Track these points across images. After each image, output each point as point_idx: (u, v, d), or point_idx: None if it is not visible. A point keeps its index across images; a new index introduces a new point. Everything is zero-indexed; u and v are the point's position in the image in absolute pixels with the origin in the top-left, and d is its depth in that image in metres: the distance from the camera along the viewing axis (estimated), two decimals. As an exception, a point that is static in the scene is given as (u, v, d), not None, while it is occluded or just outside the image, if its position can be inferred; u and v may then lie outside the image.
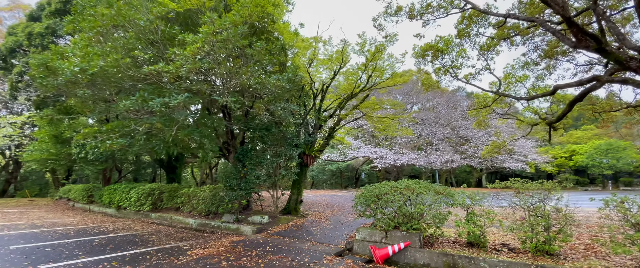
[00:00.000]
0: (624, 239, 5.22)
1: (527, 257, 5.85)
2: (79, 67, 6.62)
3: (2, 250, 7.50)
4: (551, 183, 6.43)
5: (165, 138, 7.79)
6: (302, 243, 8.31)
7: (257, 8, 8.30)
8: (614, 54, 7.59)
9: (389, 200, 7.19)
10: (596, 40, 7.66)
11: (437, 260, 6.31)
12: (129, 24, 7.04)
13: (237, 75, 6.72)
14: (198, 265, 6.24)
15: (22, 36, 12.54)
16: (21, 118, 19.72)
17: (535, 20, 9.15)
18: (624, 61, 7.47)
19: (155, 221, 12.21)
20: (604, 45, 7.63)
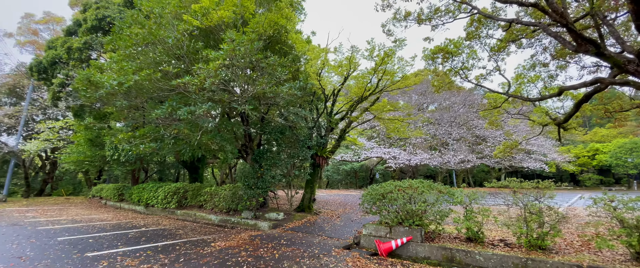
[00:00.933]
0: (608, 234, 5.61)
1: (520, 251, 6.31)
2: (117, 81, 7.57)
3: (52, 241, 8.59)
4: (546, 183, 6.85)
5: (190, 142, 8.69)
6: (314, 237, 9.01)
7: (270, 23, 9.09)
8: (613, 58, 7.85)
9: (393, 198, 7.77)
10: (595, 45, 7.95)
11: (437, 254, 6.85)
12: (158, 42, 7.96)
13: (253, 85, 7.49)
14: (221, 255, 7.06)
15: (62, 50, 13.91)
16: (59, 123, 21.45)
17: (538, 25, 9.46)
18: (622, 64, 7.73)
19: (181, 218, 13.24)
20: (603, 49, 7.91)
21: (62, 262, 6.40)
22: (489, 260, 6.23)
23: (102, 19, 13.05)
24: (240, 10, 8.73)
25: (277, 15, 9.47)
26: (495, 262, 6.16)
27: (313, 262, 6.57)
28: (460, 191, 7.51)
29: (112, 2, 14.32)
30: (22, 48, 27.83)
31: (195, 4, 8.83)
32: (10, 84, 25.77)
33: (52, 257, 6.77)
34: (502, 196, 7.08)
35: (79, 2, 21.60)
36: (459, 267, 6.42)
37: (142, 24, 8.09)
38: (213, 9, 7.95)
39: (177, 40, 7.80)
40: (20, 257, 6.75)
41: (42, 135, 20.91)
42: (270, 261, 6.58)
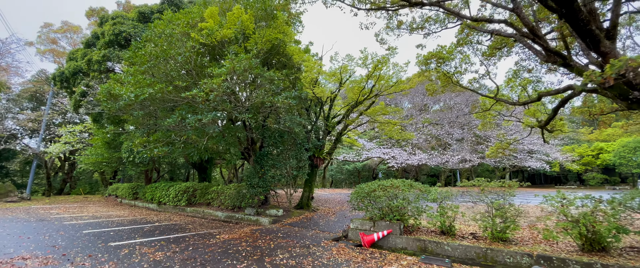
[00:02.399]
0: (555, 227, 6.45)
1: (485, 243, 7.18)
2: (134, 93, 8.69)
3: (78, 233, 9.79)
4: (511, 182, 7.69)
5: (198, 146, 9.78)
6: (308, 231, 10.02)
7: (269, 38, 10.13)
8: (577, 69, 8.61)
9: (376, 196, 8.71)
10: (561, 56, 8.73)
11: (412, 245, 7.78)
12: (170, 58, 9.07)
13: (252, 96, 8.51)
14: (224, 245, 8.12)
15: (82, 62, 15.23)
16: (78, 126, 22.95)
17: (514, 36, 10.24)
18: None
19: (190, 214, 14.40)
20: (568, 61, 8.67)
21: (90, 249, 7.55)
22: (455, 250, 7.13)
23: (119, 34, 14.32)
24: (241, 28, 9.77)
25: (274, 31, 10.51)
26: (460, 251, 7.06)
27: (303, 250, 7.57)
28: (435, 189, 8.40)
29: (127, 17, 15.58)
30: (43, 56, 29.60)
31: (202, 23, 9.94)
32: (31, 90, 27.49)
33: (81, 246, 7.93)
34: (470, 194, 7.95)
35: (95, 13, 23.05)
36: (438, 256, 7.33)
37: (155, 43, 9.21)
38: (216, 30, 9.00)
39: (186, 57, 8.88)
40: (54, 246, 7.92)
41: (63, 138, 22.45)
42: (265, 250, 7.61)
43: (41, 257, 6.76)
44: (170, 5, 15.45)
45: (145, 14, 15.75)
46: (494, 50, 14.04)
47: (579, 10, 5.86)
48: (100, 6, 24.80)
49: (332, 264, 6.45)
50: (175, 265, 6.27)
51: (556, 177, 45.33)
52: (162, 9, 15.23)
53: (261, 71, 8.44)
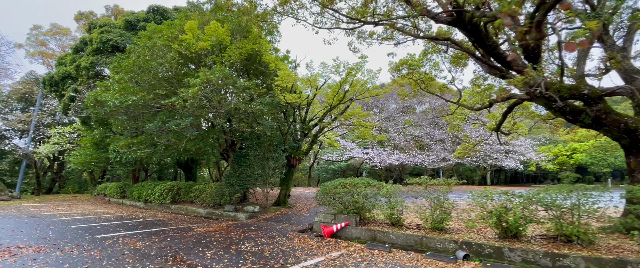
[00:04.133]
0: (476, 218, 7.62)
1: (424, 232, 8.32)
2: (119, 100, 9.63)
3: (67, 228, 10.68)
4: (450, 180, 8.85)
5: (178, 147, 10.75)
6: (279, 225, 11.07)
7: (244, 50, 11.15)
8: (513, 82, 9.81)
9: (337, 193, 9.80)
10: (500, 70, 9.92)
11: (365, 234, 8.89)
12: (151, 69, 10.02)
13: (226, 103, 9.52)
14: (199, 236, 9.13)
15: (71, 67, 16.01)
16: (67, 128, 23.60)
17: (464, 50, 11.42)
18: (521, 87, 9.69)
19: (174, 211, 15.32)
20: (506, 74, 9.87)
21: (78, 240, 8.49)
22: (398, 238, 8.26)
23: (106, 41, 15.14)
24: (217, 41, 10.78)
25: (249, 43, 11.53)
26: (402, 239, 8.19)
27: (268, 240, 8.63)
28: (387, 186, 9.52)
29: (114, 25, 16.39)
30: (32, 58, 30.07)
31: (182, 35, 10.93)
32: (21, 91, 27.97)
33: (69, 238, 8.86)
34: (417, 190, 9.09)
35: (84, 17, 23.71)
36: (382, 243, 8.44)
37: (138, 54, 10.15)
38: (193, 43, 9.99)
39: (166, 67, 9.85)
40: (46, 238, 8.84)
41: (52, 139, 23.09)
42: (235, 240, 8.64)
43: (34, 246, 7.69)
44: (155, 14, 16.33)
45: (132, 22, 16.58)
46: (457, 59, 15.26)
47: (486, 38, 7.02)
48: (89, 10, 25.48)
49: (289, 250, 7.52)
50: (152, 252, 7.26)
51: (534, 176, 47.15)
52: (147, 17, 16.08)
53: (234, 81, 9.45)
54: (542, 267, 6.20)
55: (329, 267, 6.19)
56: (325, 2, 10.17)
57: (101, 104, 10.11)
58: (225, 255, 7.02)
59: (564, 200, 6.65)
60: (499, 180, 50.14)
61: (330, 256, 7.01)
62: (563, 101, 8.45)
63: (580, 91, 7.77)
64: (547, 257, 6.22)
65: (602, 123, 7.79)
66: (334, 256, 7.02)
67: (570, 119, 8.50)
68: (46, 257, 6.76)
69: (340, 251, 7.50)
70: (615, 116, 7.65)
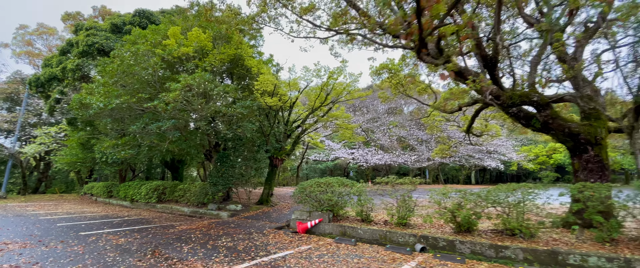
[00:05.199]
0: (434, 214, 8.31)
1: (389, 227, 8.97)
2: (103, 103, 10.06)
3: (53, 226, 11.06)
4: (415, 179, 9.53)
5: (161, 149, 11.21)
6: (259, 222, 11.63)
7: (226, 55, 11.66)
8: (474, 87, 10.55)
9: (312, 191, 10.40)
10: (464, 77, 10.63)
11: (336, 230, 9.51)
12: (134, 73, 10.47)
13: (207, 107, 10.03)
14: (180, 233, 9.63)
15: (57, 69, 16.26)
16: (53, 128, 23.71)
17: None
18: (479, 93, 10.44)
19: (160, 210, 15.73)
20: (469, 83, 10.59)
21: (62, 237, 8.92)
22: (365, 233, 8.90)
23: (92, 45, 15.44)
24: (199, 46, 11.27)
25: (231, 48, 12.05)
26: (369, 234, 8.83)
27: (244, 236, 9.19)
28: (357, 185, 10.15)
29: (100, 28, 16.67)
30: (18, 58, 29.94)
31: (165, 40, 11.39)
32: (7, 91, 27.88)
33: (54, 235, 9.27)
34: (383, 189, 9.74)
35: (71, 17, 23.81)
36: (350, 238, 9.07)
37: (122, 59, 10.59)
38: (175, 49, 10.47)
39: (149, 72, 10.32)
40: (31, 235, 9.24)
41: (38, 139, 23.18)
42: (213, 236, 9.17)
43: (20, 242, 8.11)
44: (141, 17, 16.68)
45: (118, 25, 16.88)
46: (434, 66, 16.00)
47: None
48: (77, 10, 25.57)
49: (262, 245, 8.09)
50: (133, 247, 7.76)
51: (517, 175, 48.52)
52: (134, 21, 16.43)
53: (214, 85, 9.97)
54: (488, 257, 6.90)
55: (295, 258, 6.78)
56: (301, 13, 10.75)
57: (86, 107, 10.52)
58: (201, 249, 7.56)
59: (506, 198, 7.36)
60: (484, 179, 51.41)
61: (298, 249, 7.61)
62: (517, 107, 9.21)
63: (530, 98, 8.52)
64: (491, 249, 6.93)
65: (550, 127, 8.55)
66: (302, 249, 7.62)
67: (524, 123, 9.25)
68: (32, 252, 7.20)
69: (310, 245, 8.11)
70: (561, 121, 8.41)
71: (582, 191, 6.99)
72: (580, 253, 6.14)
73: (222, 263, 6.36)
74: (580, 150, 8.24)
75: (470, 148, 33.02)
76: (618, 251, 6.19)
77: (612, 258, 5.88)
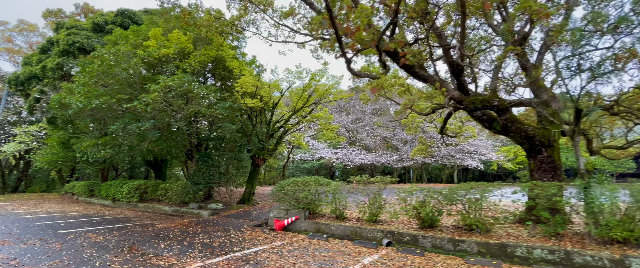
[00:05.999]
0: (400, 211, 8.83)
1: (360, 223, 9.45)
2: (83, 103, 10.22)
3: (32, 225, 11.14)
4: (386, 178, 10.03)
5: (141, 148, 11.41)
6: (238, 220, 11.95)
7: (206, 56, 11.93)
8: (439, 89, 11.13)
9: (289, 190, 10.80)
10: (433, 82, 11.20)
11: (311, 227, 9.93)
12: (114, 74, 10.66)
13: (186, 108, 10.30)
14: (159, 231, 9.89)
15: (37, 68, 16.16)
16: (33, 126, 23.38)
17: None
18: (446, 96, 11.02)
19: (142, 209, 15.86)
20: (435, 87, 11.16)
21: (41, 235, 9.07)
22: (338, 229, 9.36)
23: (72, 44, 15.42)
24: (179, 48, 11.51)
25: (212, 50, 12.33)
26: (341, 230, 9.29)
27: (221, 233, 9.52)
28: (332, 184, 10.60)
29: (81, 27, 16.62)
30: (-4, 54, 29.28)
31: (146, 42, 11.58)
32: (-16, 88, 27.25)
33: (33, 233, 9.41)
34: (357, 188, 10.22)
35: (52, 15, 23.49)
36: (323, 234, 9.51)
37: (102, 60, 10.76)
38: (156, 51, 10.70)
39: (129, 74, 10.52)
40: (10, 233, 9.35)
41: (18, 138, 22.84)
42: (191, 234, 9.48)
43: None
44: (124, 17, 16.71)
45: (100, 24, 16.87)
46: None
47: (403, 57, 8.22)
48: (58, 8, 25.18)
49: (237, 241, 8.45)
50: (111, 244, 8.01)
51: (498, 175, 50.02)
52: (116, 20, 16.46)
53: (192, 87, 10.25)
54: (446, 250, 7.45)
55: (266, 252, 7.17)
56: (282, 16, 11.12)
57: (65, 107, 10.65)
58: (177, 245, 7.87)
59: (464, 196, 7.93)
60: (466, 178, 52.69)
61: (272, 245, 8.00)
62: (481, 111, 9.82)
63: (491, 102, 9.12)
64: (450, 243, 7.47)
65: (509, 130, 9.18)
66: (275, 245, 8.02)
67: (487, 126, 9.88)
68: (10, 248, 7.38)
69: (284, 241, 8.51)
70: (518, 125, 9.04)
71: (532, 190, 7.61)
72: (527, 246, 6.73)
73: (196, 258, 6.70)
74: (536, 152, 8.89)
75: (451, 149, 33.98)
76: (561, 244, 6.80)
77: (554, 250, 6.48)
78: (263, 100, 13.30)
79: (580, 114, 7.59)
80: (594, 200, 6.65)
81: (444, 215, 8.67)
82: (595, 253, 6.15)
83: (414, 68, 9.05)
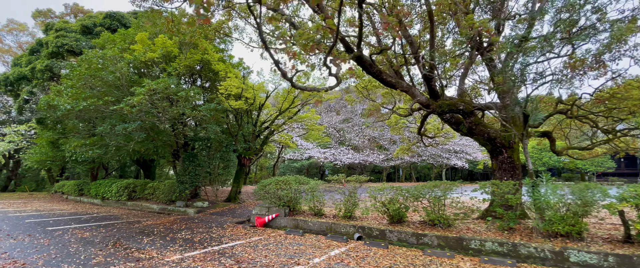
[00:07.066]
0: (370, 208, 9.44)
1: (336, 219, 10.03)
2: (70, 105, 10.63)
3: (21, 222, 11.51)
4: (361, 177, 10.63)
5: (128, 148, 11.86)
6: (222, 217, 12.46)
7: (193, 59, 12.39)
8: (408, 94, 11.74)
9: (270, 189, 11.34)
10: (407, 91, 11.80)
11: (290, 223, 10.49)
12: (102, 77, 11.08)
13: (170, 110, 10.77)
14: (145, 228, 10.36)
15: (26, 69, 16.44)
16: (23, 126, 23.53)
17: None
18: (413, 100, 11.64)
19: (130, 208, 16.26)
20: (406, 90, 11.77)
21: (30, 232, 9.49)
22: (315, 225, 9.93)
23: (61, 46, 15.72)
24: (165, 52, 11.96)
25: (198, 53, 12.79)
26: (318, 225, 9.86)
27: (204, 230, 10.03)
28: (312, 183, 11.16)
29: (70, 29, 16.92)
30: (-15, 53, 29.24)
31: (133, 45, 12.01)
32: (-27, 87, 27.24)
33: (22, 230, 9.81)
34: (334, 186, 10.79)
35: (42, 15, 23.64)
36: (300, 230, 10.07)
37: (89, 63, 11.17)
38: (142, 55, 11.14)
39: (116, 77, 10.95)
40: (0, 230, 9.75)
41: (7, 137, 22.99)
42: (175, 230, 9.97)
43: (-13, 237, 8.65)
44: (112, 19, 17.03)
45: (88, 26, 17.17)
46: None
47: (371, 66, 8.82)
48: (48, 8, 25.30)
49: (217, 237, 8.97)
50: (97, 239, 8.47)
51: (485, 173, 51.15)
52: (104, 23, 16.78)
53: (177, 90, 10.72)
54: (410, 244, 8.06)
55: (242, 247, 7.72)
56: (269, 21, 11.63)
57: (53, 109, 11.04)
58: (160, 240, 8.37)
59: (428, 193, 8.55)
60: (454, 177, 53.74)
61: (249, 240, 8.54)
62: (450, 113, 10.46)
63: (457, 106, 9.75)
64: (413, 237, 8.09)
65: (474, 132, 9.83)
66: (252, 240, 8.56)
67: (455, 128, 10.52)
68: (0, 244, 7.82)
69: (262, 237, 9.06)
70: (482, 128, 9.70)
71: (488, 187, 8.27)
72: (480, 239, 7.37)
73: (176, 251, 7.21)
74: (497, 152, 9.55)
75: (438, 148, 34.80)
76: (511, 238, 7.45)
77: (503, 243, 7.13)
78: (248, 102, 13.79)
79: (527, 118, 8.25)
80: (539, 198, 7.32)
81: (412, 212, 9.32)
82: (539, 246, 6.81)
83: (381, 75, 9.63)
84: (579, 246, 6.61)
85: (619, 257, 6.14)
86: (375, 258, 6.77)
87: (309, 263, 6.29)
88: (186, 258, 6.59)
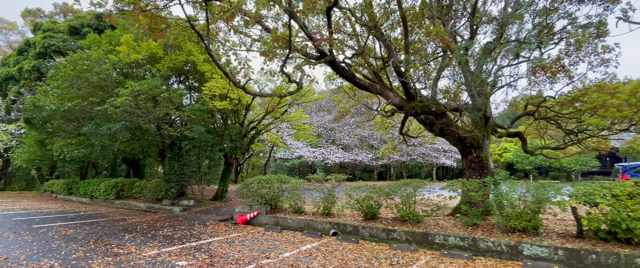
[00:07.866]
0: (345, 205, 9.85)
1: (314, 217, 10.42)
2: (56, 106, 10.88)
3: (8, 220, 11.74)
4: (339, 176, 11.03)
5: (113, 148, 12.13)
6: (206, 215, 12.79)
7: (177, 61, 12.67)
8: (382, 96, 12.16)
9: (252, 187, 11.70)
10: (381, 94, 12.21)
11: (271, 220, 10.86)
12: (87, 78, 11.33)
13: (154, 111, 11.07)
14: (129, 225, 10.66)
15: (14, 69, 16.57)
16: (12, 125, 23.59)
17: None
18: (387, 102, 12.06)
19: (118, 206, 16.50)
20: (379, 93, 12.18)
21: (15, 229, 9.75)
22: (294, 222, 10.31)
23: (49, 46, 15.88)
24: (150, 54, 12.23)
25: (182, 55, 13.07)
26: (297, 222, 10.25)
27: (186, 227, 10.36)
28: (293, 182, 11.54)
29: (58, 29, 17.06)
30: (-27, 52, 29.11)
31: (118, 47, 12.27)
32: (-39, 86, 27.15)
33: (8, 227, 10.06)
34: (314, 185, 11.18)
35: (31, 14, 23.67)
36: (279, 227, 10.44)
37: (74, 64, 11.41)
38: (126, 56, 11.41)
39: (101, 78, 11.21)
40: (-16, 228, 9.99)
41: (-4, 136, 23.10)
42: (158, 227, 10.29)
43: (-28, 234, 8.91)
44: (100, 20, 17.20)
45: (76, 27, 17.33)
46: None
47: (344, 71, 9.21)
48: (37, 7, 25.33)
49: (197, 233, 9.31)
50: (79, 236, 8.77)
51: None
52: (92, 24, 16.96)
53: (160, 91, 11.02)
54: (381, 239, 8.48)
55: (219, 242, 8.07)
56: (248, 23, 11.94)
57: (39, 109, 11.28)
58: (141, 237, 8.69)
59: (398, 191, 8.98)
60: (444, 175, 54.49)
61: (228, 237, 8.90)
62: (425, 115, 10.89)
63: (429, 108, 10.18)
64: (384, 232, 8.51)
65: (445, 133, 10.27)
66: (231, 237, 8.92)
67: (429, 129, 10.96)
68: (-17, 241, 8.08)
69: (241, 233, 9.42)
70: (453, 129, 10.14)
71: (455, 186, 8.71)
72: (444, 234, 7.81)
73: (154, 247, 7.55)
74: (467, 152, 10.00)
75: (427, 147, 35.38)
76: (474, 233, 7.89)
77: (464, 237, 7.58)
78: (233, 102, 14.10)
79: (488, 120, 8.70)
80: (498, 195, 7.77)
81: (386, 209, 9.75)
82: (496, 240, 7.26)
83: (354, 78, 10.02)
84: (533, 240, 7.06)
85: (568, 250, 6.61)
86: (343, 252, 7.17)
87: (278, 257, 6.67)
88: (163, 253, 6.93)
